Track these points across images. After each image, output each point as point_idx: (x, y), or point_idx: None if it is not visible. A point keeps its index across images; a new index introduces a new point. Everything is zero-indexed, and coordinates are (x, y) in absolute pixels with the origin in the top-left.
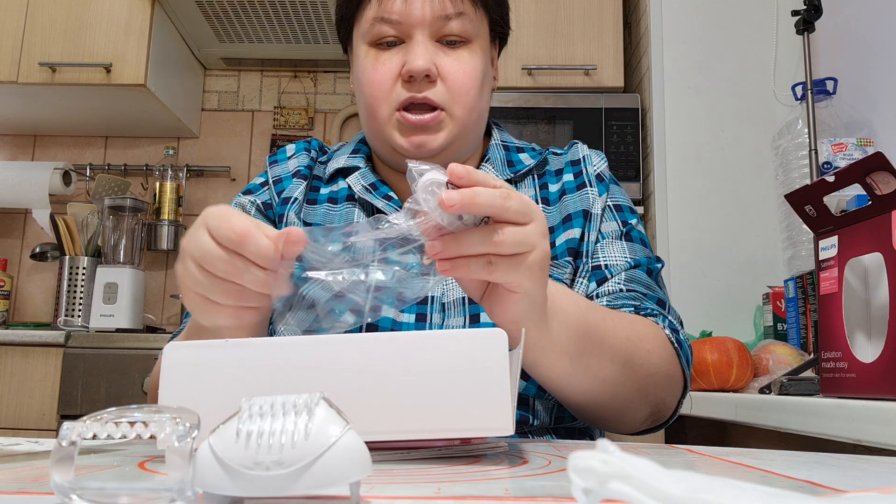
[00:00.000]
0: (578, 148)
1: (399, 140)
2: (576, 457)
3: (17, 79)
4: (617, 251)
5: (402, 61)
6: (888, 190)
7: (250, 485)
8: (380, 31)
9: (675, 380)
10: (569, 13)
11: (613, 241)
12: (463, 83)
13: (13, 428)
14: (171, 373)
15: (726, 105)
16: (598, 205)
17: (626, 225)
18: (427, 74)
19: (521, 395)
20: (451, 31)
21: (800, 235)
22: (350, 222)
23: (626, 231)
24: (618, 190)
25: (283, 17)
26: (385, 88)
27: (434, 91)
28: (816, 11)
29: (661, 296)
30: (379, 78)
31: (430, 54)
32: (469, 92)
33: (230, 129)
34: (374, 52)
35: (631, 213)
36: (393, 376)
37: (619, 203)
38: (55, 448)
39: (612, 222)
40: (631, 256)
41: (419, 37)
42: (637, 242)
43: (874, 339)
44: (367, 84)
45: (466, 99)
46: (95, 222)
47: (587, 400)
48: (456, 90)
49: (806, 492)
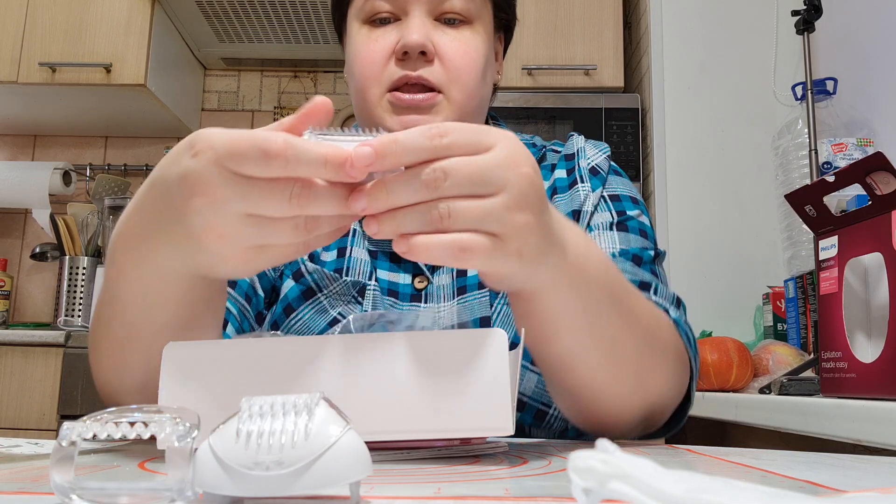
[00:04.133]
0: (574, 141)
1: (389, 122)
2: (576, 457)
3: (17, 79)
4: (603, 242)
5: (397, 38)
6: (888, 190)
7: (250, 485)
8: (374, 7)
9: (683, 363)
10: (569, 13)
11: (602, 233)
12: (463, 63)
13: (13, 428)
14: (171, 373)
15: (726, 105)
16: (591, 201)
17: (623, 215)
18: (423, 51)
19: (518, 423)
20: (452, 8)
21: (800, 235)
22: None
23: (621, 221)
24: (618, 180)
25: (283, 17)
26: (377, 67)
27: (430, 70)
28: (816, 11)
29: (645, 279)
30: (370, 55)
31: (426, 30)
32: (469, 74)
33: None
34: (367, 30)
35: (632, 203)
36: (393, 376)
37: (616, 193)
38: (55, 448)
39: (604, 213)
40: (620, 246)
41: (416, 13)
42: (634, 233)
43: (874, 339)
44: (359, 62)
45: (466, 81)
46: (95, 222)
47: (592, 380)
48: (455, 71)
49: (806, 492)
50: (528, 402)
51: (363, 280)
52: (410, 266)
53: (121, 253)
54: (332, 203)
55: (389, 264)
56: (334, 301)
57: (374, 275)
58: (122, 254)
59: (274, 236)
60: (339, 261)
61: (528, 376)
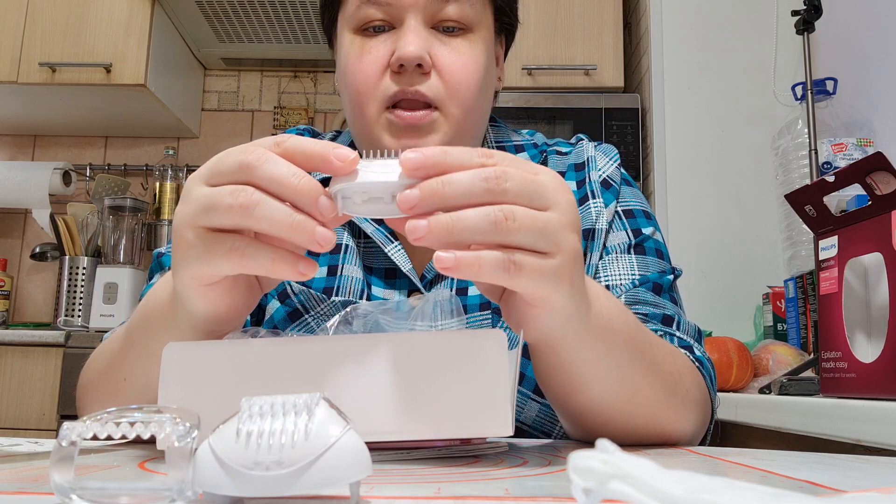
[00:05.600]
0: (584, 148)
1: (387, 142)
2: (576, 457)
3: (17, 79)
4: (622, 268)
5: (392, 49)
6: (888, 190)
7: (250, 485)
8: (366, 14)
9: (705, 408)
10: (569, 13)
11: (619, 256)
12: (461, 77)
13: (13, 428)
14: (171, 373)
15: (726, 105)
16: (605, 217)
17: (639, 235)
18: (419, 64)
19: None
20: (449, 15)
21: (800, 235)
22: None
23: (638, 242)
24: (630, 192)
25: (283, 17)
26: (371, 81)
27: (427, 85)
28: (816, 11)
29: (668, 311)
30: (364, 68)
31: (423, 40)
32: (468, 87)
33: (230, 129)
34: (360, 40)
35: (646, 219)
36: (392, 376)
37: (630, 208)
38: (55, 448)
39: (620, 232)
40: (640, 273)
41: (411, 21)
42: (651, 255)
43: (874, 339)
44: (352, 75)
45: (465, 95)
46: (95, 222)
47: (610, 427)
48: (453, 85)
49: (806, 492)
50: (528, 431)
51: (353, 299)
52: (406, 283)
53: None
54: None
55: (384, 282)
56: (322, 322)
57: (367, 293)
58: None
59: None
60: (330, 279)
61: (529, 405)
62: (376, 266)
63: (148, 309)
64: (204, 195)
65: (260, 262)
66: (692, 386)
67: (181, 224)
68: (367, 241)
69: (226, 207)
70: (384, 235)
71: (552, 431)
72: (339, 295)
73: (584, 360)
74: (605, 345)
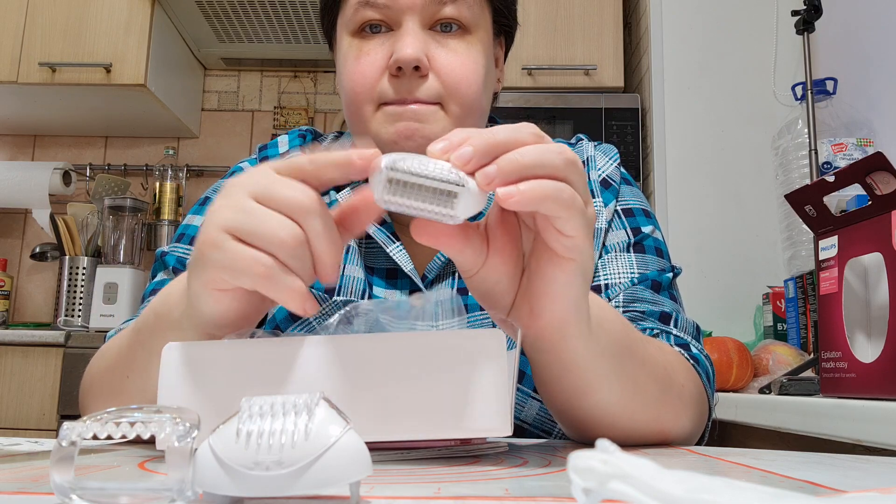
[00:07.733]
0: (583, 148)
1: (385, 134)
2: (576, 457)
3: (17, 79)
4: (621, 266)
5: (389, 51)
6: (888, 190)
7: (250, 485)
8: (364, 16)
9: (701, 405)
10: (569, 13)
11: (619, 255)
12: (460, 76)
13: (13, 428)
14: (171, 372)
15: (726, 105)
16: (604, 216)
17: (638, 233)
18: (417, 66)
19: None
20: (447, 15)
21: (800, 235)
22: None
23: (637, 240)
24: (630, 191)
25: (283, 17)
26: (369, 83)
27: (426, 87)
28: (816, 11)
29: (665, 308)
30: (362, 70)
31: (420, 43)
32: (468, 87)
33: (230, 129)
34: (358, 42)
35: (645, 218)
36: (392, 376)
37: (629, 207)
38: (55, 448)
39: (619, 231)
40: (639, 271)
41: (409, 23)
42: (650, 253)
43: (874, 339)
44: (349, 77)
45: (465, 94)
46: (95, 222)
47: (613, 427)
48: (452, 84)
49: (806, 492)
50: (528, 430)
51: (354, 300)
52: (407, 283)
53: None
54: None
55: (386, 282)
56: (323, 322)
57: (368, 293)
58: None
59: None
60: None
61: (529, 404)
62: (378, 266)
63: (158, 307)
64: (251, 210)
65: (279, 290)
66: (686, 382)
67: (215, 225)
68: (369, 241)
69: (268, 237)
70: (386, 236)
71: (552, 430)
72: (340, 295)
73: (589, 360)
74: (604, 342)
